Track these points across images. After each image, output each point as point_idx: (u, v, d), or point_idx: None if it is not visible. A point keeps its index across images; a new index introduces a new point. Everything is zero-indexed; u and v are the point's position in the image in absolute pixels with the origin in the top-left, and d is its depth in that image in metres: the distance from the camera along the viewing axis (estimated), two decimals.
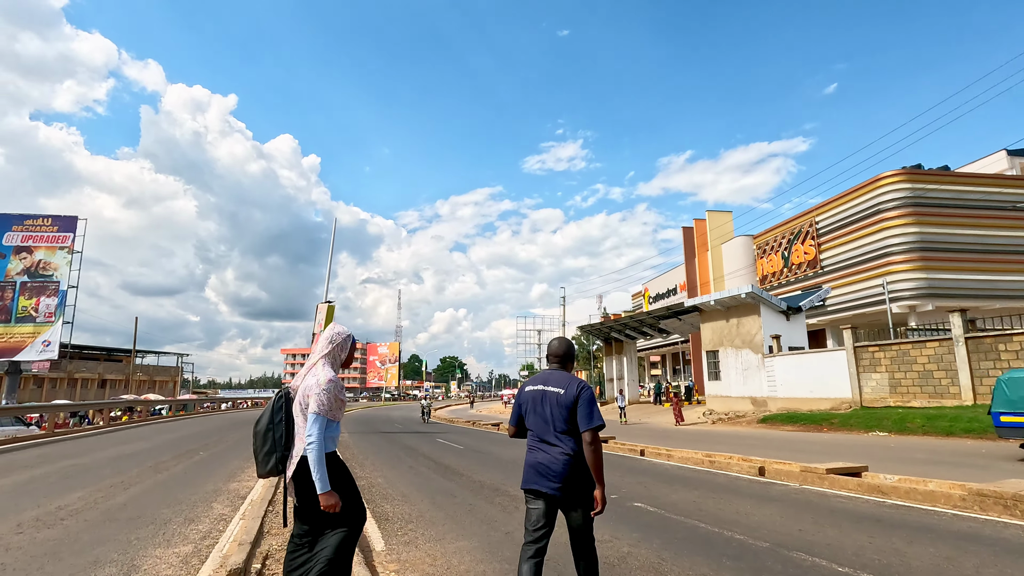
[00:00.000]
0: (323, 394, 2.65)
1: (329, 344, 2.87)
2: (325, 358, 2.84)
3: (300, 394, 2.71)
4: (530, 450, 2.98)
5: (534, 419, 2.98)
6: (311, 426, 2.58)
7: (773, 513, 6.15)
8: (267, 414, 2.71)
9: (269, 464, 2.64)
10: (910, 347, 17.95)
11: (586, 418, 2.82)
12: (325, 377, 2.70)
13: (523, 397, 3.10)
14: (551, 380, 3.01)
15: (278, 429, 2.66)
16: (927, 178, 31.85)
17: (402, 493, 7.41)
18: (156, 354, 71.86)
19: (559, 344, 3.15)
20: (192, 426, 22.66)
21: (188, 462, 10.91)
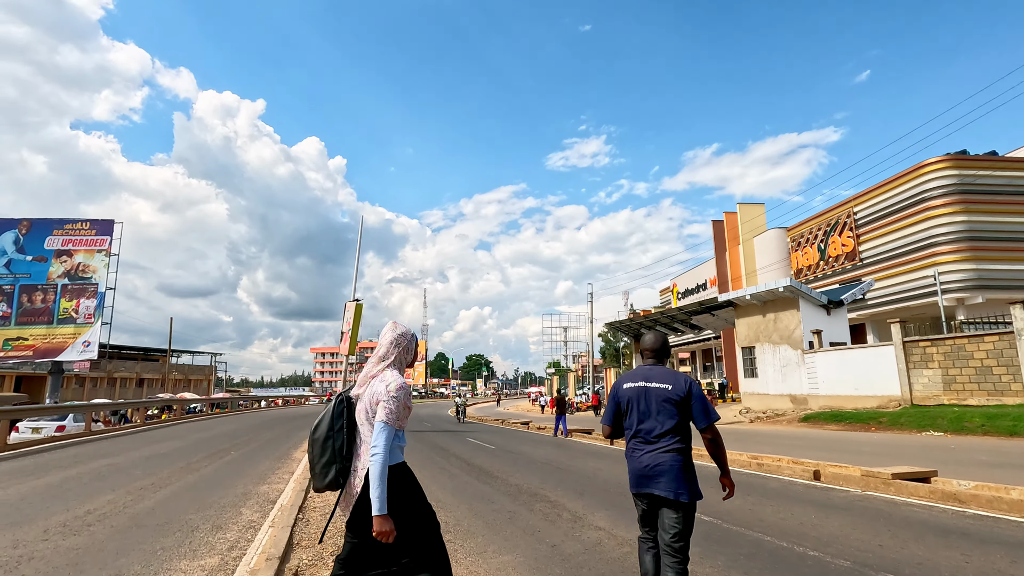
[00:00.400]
0: (392, 402, 2.38)
1: (395, 348, 2.60)
2: (391, 362, 2.57)
3: (366, 401, 2.45)
4: (634, 450, 2.89)
5: (637, 417, 2.88)
6: (377, 436, 2.31)
7: (843, 524, 5.59)
8: (326, 421, 2.46)
9: (328, 476, 2.38)
10: (966, 341, 16.89)
11: (703, 414, 2.77)
12: (395, 383, 2.43)
13: (621, 395, 2.98)
14: (653, 376, 2.90)
15: (338, 438, 2.41)
16: (975, 164, 30.21)
17: (436, 498, 7.04)
18: (191, 354, 73.75)
19: (654, 338, 3.05)
20: (225, 424, 22.87)
21: (219, 462, 10.80)
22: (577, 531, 5.34)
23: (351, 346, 20.74)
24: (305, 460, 10.91)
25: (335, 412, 2.47)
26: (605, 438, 3.57)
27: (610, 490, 7.56)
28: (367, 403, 2.45)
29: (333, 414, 2.46)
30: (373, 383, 2.48)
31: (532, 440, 16.59)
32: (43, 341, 42.49)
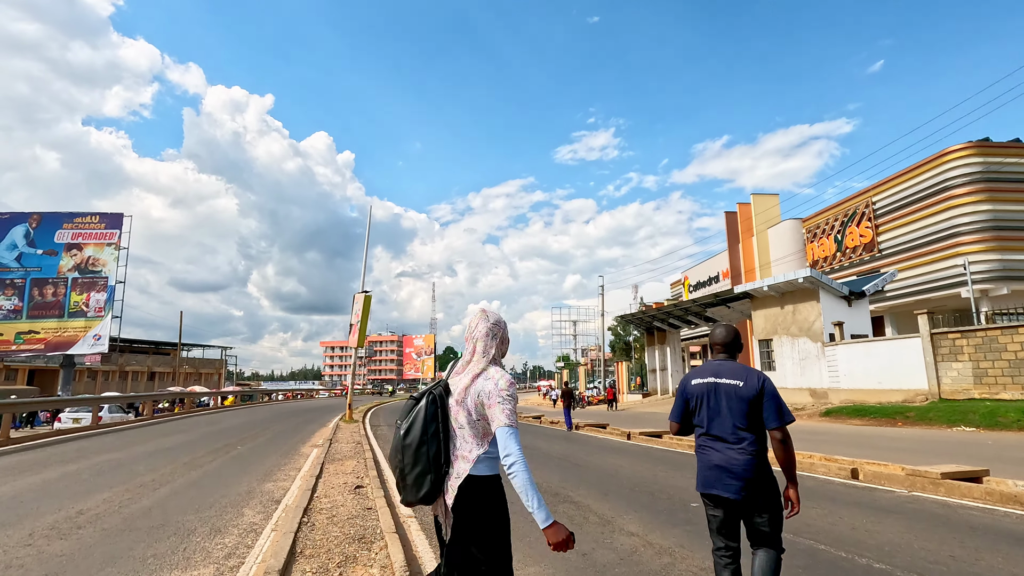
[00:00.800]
0: (510, 402, 2.04)
1: (493, 339, 2.23)
2: (492, 356, 2.21)
3: (470, 400, 2.10)
4: (703, 449, 2.75)
5: (707, 415, 2.74)
6: (508, 442, 1.96)
7: (900, 530, 5.07)
8: (418, 423, 2.08)
9: (423, 488, 2.03)
10: (999, 333, 16.20)
11: (775, 413, 2.62)
12: (505, 380, 2.08)
13: (689, 390, 2.85)
14: (723, 371, 2.76)
15: (432, 443, 2.06)
16: (1000, 151, 29.20)
17: None
18: (201, 347, 74.09)
19: (725, 332, 2.89)
20: (234, 418, 22.63)
21: (224, 458, 10.43)
22: (608, 537, 4.86)
23: (360, 338, 20.34)
24: (314, 455, 10.52)
25: (428, 414, 2.09)
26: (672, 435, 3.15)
27: (636, 490, 7.07)
28: (470, 404, 2.09)
29: (426, 416, 2.09)
30: (477, 382, 2.11)
31: (545, 435, 16.14)
32: (54, 334, 42.60)
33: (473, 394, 2.08)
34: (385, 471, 8.78)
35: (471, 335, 2.24)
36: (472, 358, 2.19)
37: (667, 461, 10.00)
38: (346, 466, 8.88)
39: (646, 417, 23.44)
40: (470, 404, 2.08)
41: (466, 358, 2.21)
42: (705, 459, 2.73)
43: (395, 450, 2.09)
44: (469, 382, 2.12)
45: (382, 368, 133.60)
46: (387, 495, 6.47)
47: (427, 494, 2.02)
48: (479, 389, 2.08)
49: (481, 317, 2.26)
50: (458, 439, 2.09)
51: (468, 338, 2.25)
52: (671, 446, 12.33)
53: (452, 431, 2.10)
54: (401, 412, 2.16)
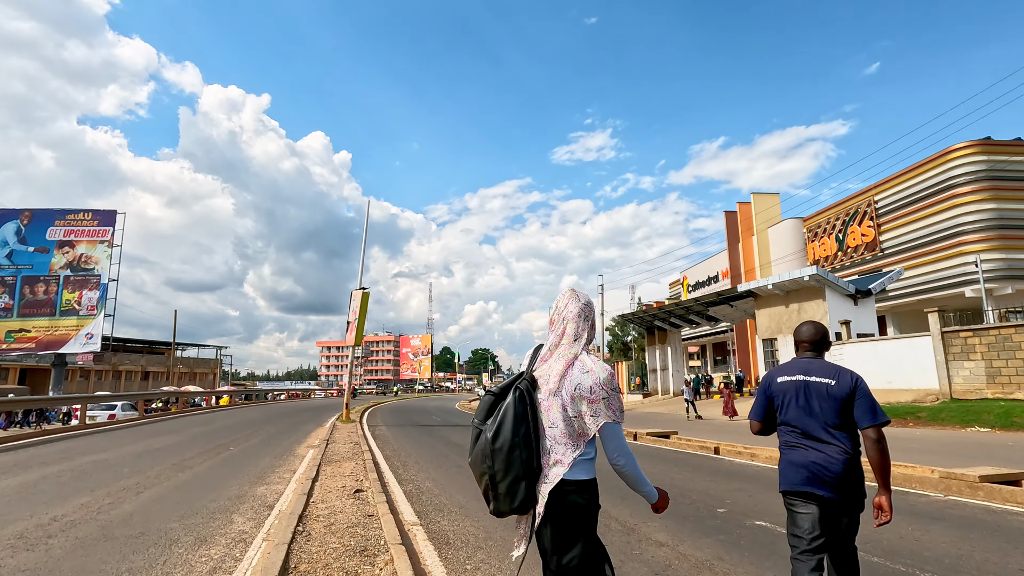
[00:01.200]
0: (614, 396, 1.84)
1: (586, 322, 1.98)
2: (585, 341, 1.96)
3: (565, 394, 1.85)
4: (791, 448, 2.66)
5: (795, 413, 2.64)
6: (615, 438, 1.83)
7: (953, 539, 4.63)
8: (507, 423, 1.82)
9: (518, 496, 1.81)
10: (1013, 331, 15.83)
11: (870, 412, 2.51)
12: (606, 370, 1.85)
13: (775, 388, 2.75)
14: (812, 369, 2.67)
15: (524, 447, 1.81)
16: (1004, 150, 28.93)
17: (459, 504, 6.13)
18: (196, 347, 73.34)
19: (812, 329, 2.79)
20: (228, 417, 22.09)
21: (215, 459, 9.93)
22: (636, 547, 4.41)
23: (358, 336, 19.85)
24: (310, 457, 10.03)
25: (517, 413, 1.83)
26: (754, 434, 2.96)
27: None
28: (566, 398, 1.84)
29: (515, 414, 1.83)
30: (572, 372, 1.86)
31: None
32: (45, 333, 41.92)
33: (568, 386, 1.83)
34: (386, 474, 8.30)
35: (559, 316, 1.99)
36: (561, 342, 1.93)
37: (680, 462, 9.56)
38: (344, 468, 8.40)
39: (650, 417, 23.02)
40: (566, 398, 1.82)
41: (552, 341, 1.96)
42: (794, 457, 2.62)
43: (482, 455, 1.83)
44: (563, 370, 1.86)
45: (379, 368, 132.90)
46: (389, 500, 6.00)
47: (523, 502, 1.79)
48: (576, 382, 1.83)
49: (571, 296, 2.01)
50: (550, 440, 1.83)
51: (555, 320, 2.00)
52: (680, 447, 11.90)
53: (542, 430, 1.85)
54: (479, 410, 1.88)
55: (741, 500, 6.19)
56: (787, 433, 2.69)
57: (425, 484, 7.43)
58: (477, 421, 1.90)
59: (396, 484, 7.33)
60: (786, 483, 2.63)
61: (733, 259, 48.06)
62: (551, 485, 1.78)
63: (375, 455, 10.51)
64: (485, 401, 1.92)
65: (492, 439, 1.81)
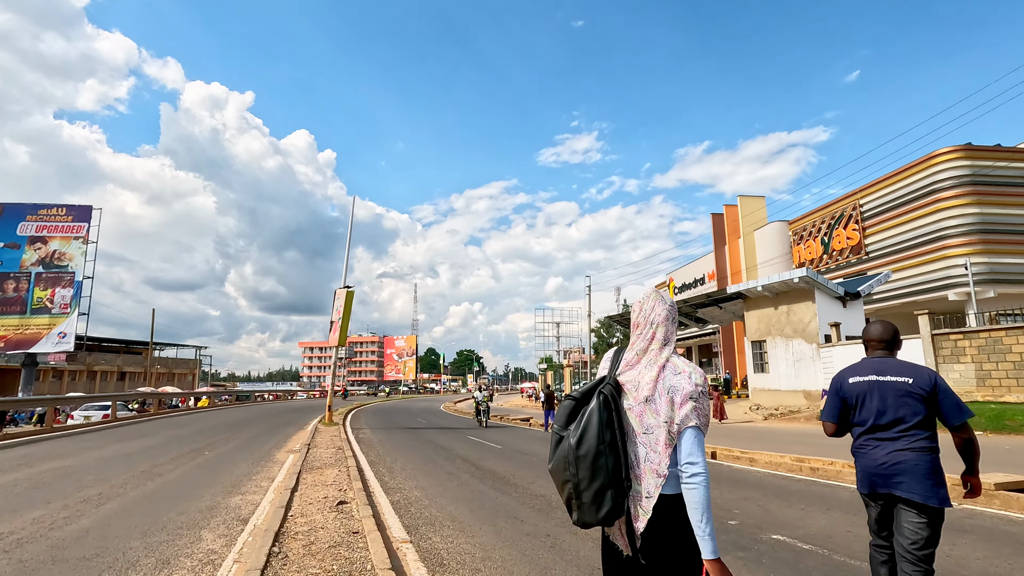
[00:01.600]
0: (704, 400, 1.75)
1: (673, 324, 1.92)
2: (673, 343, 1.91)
3: (660, 400, 1.77)
4: (867, 447, 2.66)
5: (871, 412, 2.63)
6: (694, 447, 1.70)
7: (985, 553, 4.32)
8: (592, 429, 1.74)
9: (604, 506, 1.70)
10: (1003, 334, 15.82)
11: (956, 409, 2.53)
12: (699, 373, 1.80)
13: (847, 389, 2.73)
14: (887, 368, 2.66)
15: (611, 454, 1.72)
16: (988, 155, 29.28)
17: (451, 515, 5.68)
18: (175, 347, 71.70)
19: (883, 328, 2.79)
20: (206, 420, 21.31)
21: (188, 465, 9.35)
22: None
23: (341, 336, 19.24)
24: (290, 463, 9.50)
25: (602, 418, 1.75)
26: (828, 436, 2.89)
27: None
28: (661, 404, 1.76)
29: (600, 418, 1.75)
30: (665, 376, 1.79)
31: (538, 438, 15.29)
32: (15, 332, 40.48)
33: (663, 391, 1.74)
34: (371, 482, 7.81)
35: (646, 320, 1.90)
36: (650, 346, 1.84)
37: None
38: (326, 476, 7.90)
39: None
40: (661, 404, 1.72)
41: (639, 346, 1.86)
42: (872, 458, 2.62)
43: (564, 462, 1.75)
44: (656, 376, 1.77)
45: (362, 369, 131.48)
46: (375, 513, 5.53)
47: (609, 513, 1.69)
48: (669, 385, 1.74)
49: (658, 299, 1.93)
50: (643, 448, 1.73)
51: (641, 324, 1.90)
52: None
53: (633, 438, 1.76)
54: (559, 416, 1.80)
55: (752, 511, 5.84)
56: (861, 433, 2.69)
57: (413, 493, 6.97)
58: (557, 427, 1.80)
59: (382, 494, 6.86)
60: (863, 483, 2.67)
61: (719, 261, 48.22)
62: (653, 499, 1.68)
63: (359, 461, 10.00)
64: (565, 406, 1.82)
65: (576, 445, 1.72)
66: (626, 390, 1.81)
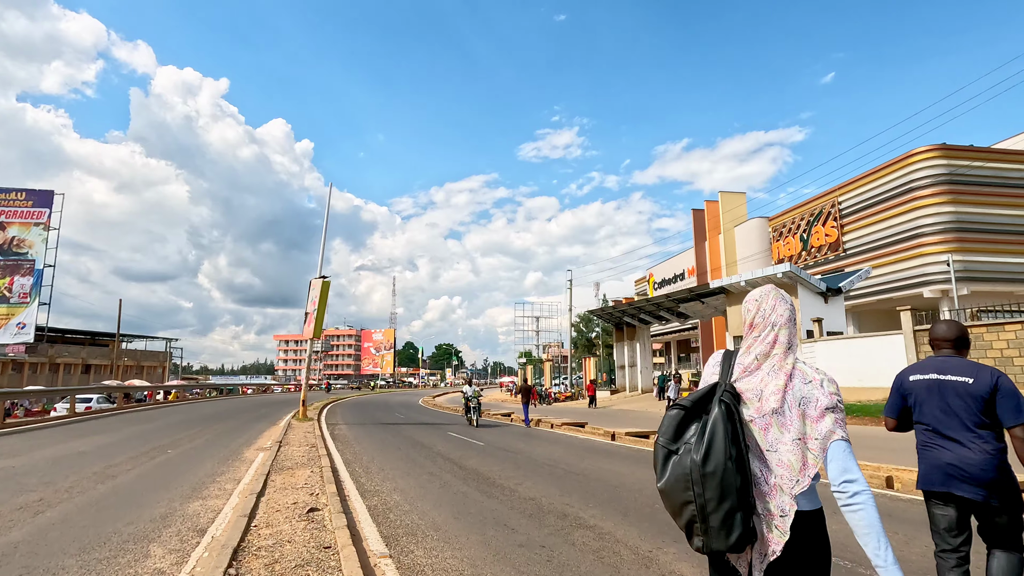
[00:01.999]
0: (841, 408, 1.56)
1: (794, 325, 1.70)
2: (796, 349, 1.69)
3: (792, 411, 1.57)
4: (930, 447, 2.60)
5: (930, 412, 2.59)
6: (848, 461, 1.51)
7: None
8: (718, 443, 1.50)
9: (735, 530, 1.47)
10: (984, 330, 15.90)
11: (1013, 412, 2.41)
12: (829, 379, 1.60)
13: (907, 387, 2.73)
14: (949, 368, 2.60)
15: (738, 472, 1.49)
16: (964, 154, 29.70)
17: (434, 523, 5.17)
18: (143, 339, 69.45)
19: (949, 327, 2.72)
20: (174, 414, 20.37)
21: (148, 464, 8.66)
22: None
23: (317, 328, 18.50)
24: (259, 462, 8.88)
25: (727, 431, 1.52)
26: (889, 431, 2.88)
27: (658, 507, 5.83)
28: (792, 415, 1.57)
29: (727, 432, 1.52)
30: (794, 384, 1.61)
31: (521, 434, 14.85)
32: None
33: (792, 402, 1.60)
34: (346, 484, 7.25)
35: (765, 320, 1.72)
36: (773, 351, 1.68)
37: None
38: (297, 477, 7.31)
39: (623, 415, 22.51)
40: (791, 416, 1.58)
41: (759, 350, 1.69)
42: (933, 457, 2.60)
43: (686, 481, 1.55)
44: (783, 384, 1.62)
45: (339, 363, 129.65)
46: (350, 522, 4.99)
47: (740, 537, 1.49)
48: (800, 396, 1.60)
49: (779, 297, 1.75)
50: (769, 464, 1.59)
51: (758, 325, 1.72)
52: None
53: (756, 453, 1.61)
54: (666, 427, 1.61)
55: None
56: (923, 432, 2.67)
57: (392, 497, 6.43)
58: (664, 440, 1.61)
59: (358, 498, 6.31)
60: (923, 482, 2.62)
61: (699, 257, 48.39)
62: (789, 518, 1.53)
63: (334, 460, 9.42)
64: (672, 416, 1.63)
65: (702, 461, 1.53)
66: (746, 399, 1.64)
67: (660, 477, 1.60)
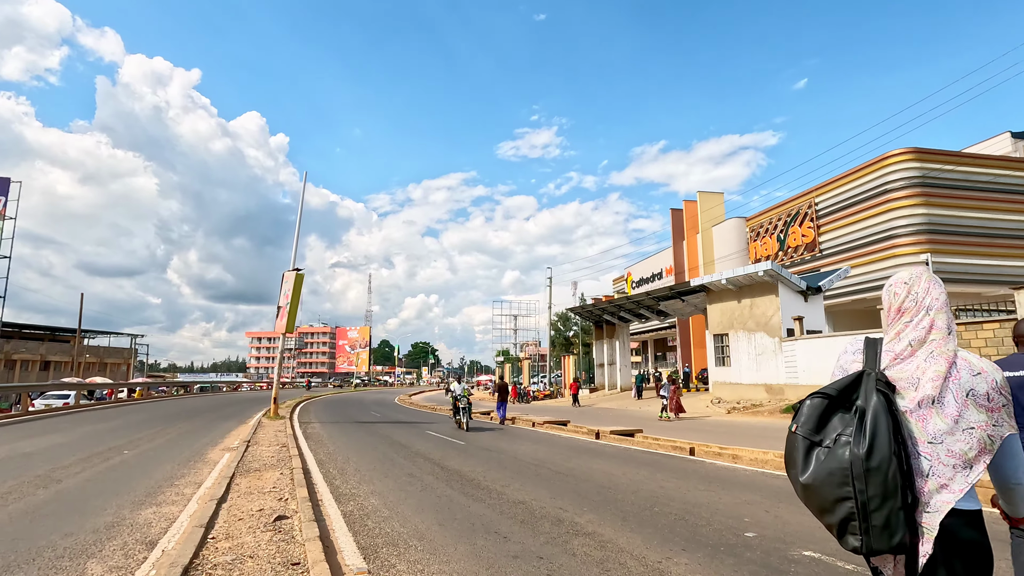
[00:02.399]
0: (1010, 401, 1.48)
1: (949, 309, 1.59)
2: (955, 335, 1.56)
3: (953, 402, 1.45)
4: None
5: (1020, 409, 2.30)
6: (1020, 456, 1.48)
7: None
8: (881, 437, 1.41)
9: (898, 531, 1.38)
10: (963, 329, 16.00)
11: None
12: (998, 370, 1.50)
13: None
14: None
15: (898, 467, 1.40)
16: (936, 158, 30.29)
17: (417, 531, 4.68)
18: (107, 334, 66.93)
19: None
20: (136, 412, 19.33)
21: (100, 466, 7.95)
22: None
23: (290, 323, 17.74)
24: (223, 463, 8.24)
25: (887, 424, 1.43)
26: None
27: (657, 511, 5.42)
28: (954, 407, 1.45)
29: (889, 424, 1.43)
30: (958, 373, 1.47)
31: (504, 433, 14.40)
32: None
33: (957, 392, 1.45)
34: (319, 487, 6.69)
35: (918, 304, 1.58)
36: (930, 336, 1.53)
37: (661, 466, 8.50)
38: (265, 480, 6.72)
39: (604, 413, 22.24)
40: (953, 407, 1.44)
41: (912, 336, 1.55)
42: None
43: (843, 476, 1.43)
44: (944, 371, 1.47)
45: (313, 361, 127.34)
46: (323, 532, 4.46)
47: (904, 539, 1.39)
48: (967, 386, 1.45)
49: (932, 280, 1.63)
50: (930, 459, 1.46)
51: (909, 309, 1.59)
52: (649, 447, 10.93)
53: (913, 446, 1.48)
54: (808, 417, 1.50)
55: (763, 519, 5.11)
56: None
57: (370, 501, 5.90)
58: (804, 431, 1.50)
59: (332, 503, 5.76)
60: None
61: (677, 256, 48.63)
62: (941, 515, 1.41)
63: (306, 460, 8.82)
64: (815, 405, 1.53)
65: (867, 456, 1.41)
66: (900, 388, 1.53)
67: (803, 471, 1.50)
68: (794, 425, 1.53)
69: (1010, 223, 29.51)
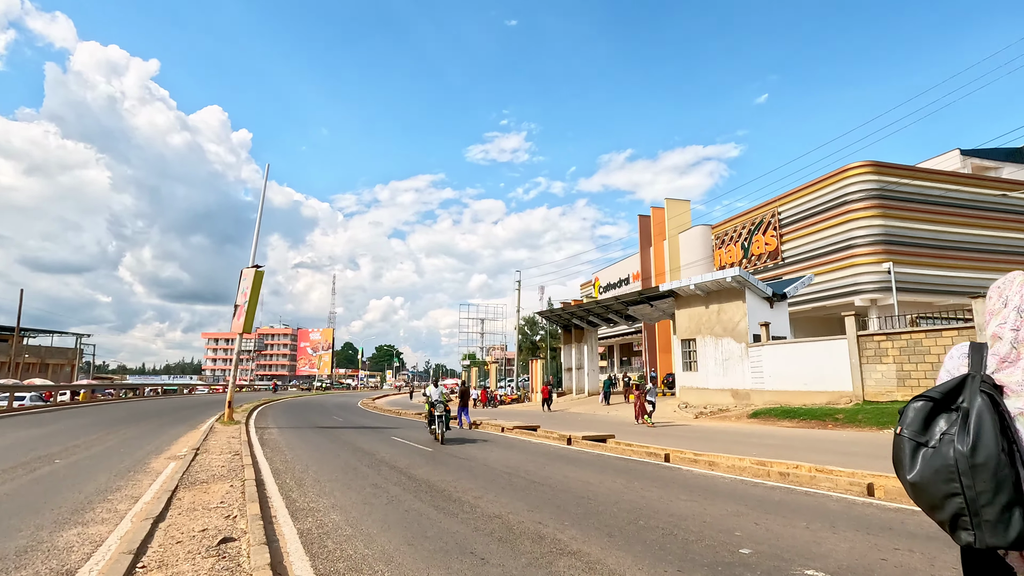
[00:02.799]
0: None
1: None
2: None
3: None
4: None
5: None
6: None
7: None
8: (987, 435, 1.42)
9: (1014, 525, 1.38)
10: (923, 336, 16.42)
11: None
12: None
13: None
14: None
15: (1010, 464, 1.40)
16: (893, 171, 31.41)
17: (384, 552, 4.18)
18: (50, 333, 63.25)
19: None
20: (77, 417, 17.98)
21: (23, 479, 7.12)
22: None
23: (247, 322, 16.82)
24: (167, 474, 7.51)
25: (995, 423, 1.44)
26: None
27: (642, 524, 5.08)
28: None
29: (995, 423, 1.44)
30: None
31: (473, 439, 13.92)
32: None
33: None
34: (273, 500, 6.09)
35: (1007, 305, 1.60)
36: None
37: (638, 474, 8.20)
38: (212, 494, 6.09)
39: (574, 418, 21.98)
40: None
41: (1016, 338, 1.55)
42: None
43: (948, 473, 1.46)
44: None
45: (274, 363, 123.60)
46: (276, 559, 3.92)
47: (1021, 534, 1.37)
48: None
49: None
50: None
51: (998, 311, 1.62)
52: (623, 452, 10.65)
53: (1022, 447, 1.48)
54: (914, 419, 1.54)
55: (754, 532, 4.82)
56: None
57: (330, 517, 5.36)
58: (910, 432, 1.55)
59: (288, 520, 5.20)
60: None
61: (644, 262, 49.10)
62: None
63: (260, 470, 8.15)
64: (920, 408, 1.57)
65: (971, 452, 1.44)
66: (1008, 391, 1.50)
67: (910, 470, 1.54)
68: (899, 427, 1.57)
69: (961, 236, 30.81)
